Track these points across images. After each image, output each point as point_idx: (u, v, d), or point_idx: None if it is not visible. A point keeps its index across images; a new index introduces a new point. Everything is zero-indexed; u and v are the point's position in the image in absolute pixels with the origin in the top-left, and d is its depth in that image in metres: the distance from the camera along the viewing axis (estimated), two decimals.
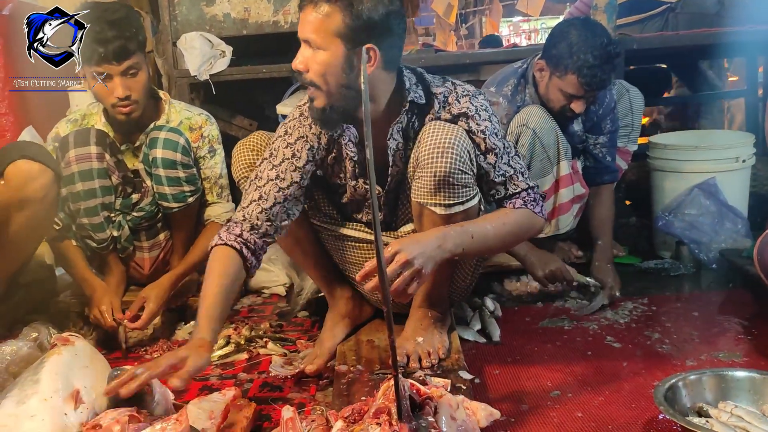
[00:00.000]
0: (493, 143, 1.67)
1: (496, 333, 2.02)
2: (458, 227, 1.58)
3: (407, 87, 1.67)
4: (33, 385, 1.41)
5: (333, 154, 1.77)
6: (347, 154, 1.74)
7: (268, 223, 1.69)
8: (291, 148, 1.73)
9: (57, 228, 2.13)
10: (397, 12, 1.57)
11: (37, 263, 2.32)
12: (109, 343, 2.10)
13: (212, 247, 1.67)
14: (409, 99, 1.67)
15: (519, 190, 1.69)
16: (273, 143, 1.75)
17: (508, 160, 1.69)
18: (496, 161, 1.67)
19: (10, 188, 1.86)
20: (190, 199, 2.20)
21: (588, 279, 2.28)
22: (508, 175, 1.68)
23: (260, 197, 1.69)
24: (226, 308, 1.61)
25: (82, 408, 1.42)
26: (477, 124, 1.66)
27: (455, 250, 1.56)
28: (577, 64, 2.14)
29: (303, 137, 1.73)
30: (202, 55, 3.02)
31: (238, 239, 1.66)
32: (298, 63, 1.58)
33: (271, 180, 1.70)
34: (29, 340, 1.85)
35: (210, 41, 3.06)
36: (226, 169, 2.31)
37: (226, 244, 1.65)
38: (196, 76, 3.05)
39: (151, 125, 2.19)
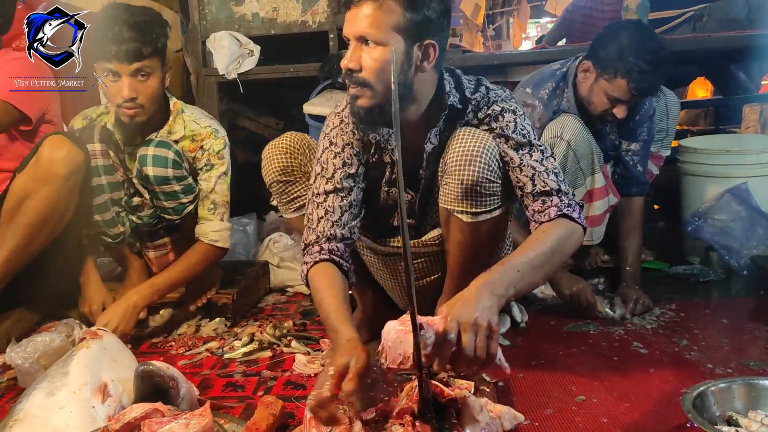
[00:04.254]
0: (517, 140, 1.60)
1: (523, 317, 2.04)
2: (500, 267, 1.40)
3: (447, 90, 1.64)
4: (62, 377, 1.45)
5: (374, 159, 1.74)
6: (389, 159, 1.72)
7: (342, 230, 1.67)
8: (340, 157, 1.70)
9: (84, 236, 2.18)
10: (449, 9, 1.56)
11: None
12: (135, 338, 2.13)
13: (305, 276, 1.64)
14: (449, 103, 1.63)
15: (549, 189, 1.57)
16: (320, 156, 1.72)
17: (541, 158, 1.60)
18: (520, 152, 1.59)
19: (40, 161, 1.96)
20: (190, 208, 2.16)
21: (609, 311, 2.16)
22: (538, 170, 1.59)
23: (326, 212, 1.67)
24: (348, 310, 1.54)
25: (109, 401, 1.45)
26: (499, 123, 1.61)
27: (508, 292, 1.38)
28: (627, 68, 2.07)
29: (348, 144, 1.70)
30: (230, 54, 3.05)
31: (323, 253, 1.63)
32: (349, 62, 1.52)
33: (331, 193, 1.68)
34: (61, 333, 1.89)
35: (238, 40, 3.09)
36: (224, 187, 2.22)
37: (315, 263, 1.62)
38: (224, 74, 3.08)
39: (154, 134, 2.15)
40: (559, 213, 1.55)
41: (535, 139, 1.62)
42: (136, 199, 2.20)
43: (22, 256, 2.01)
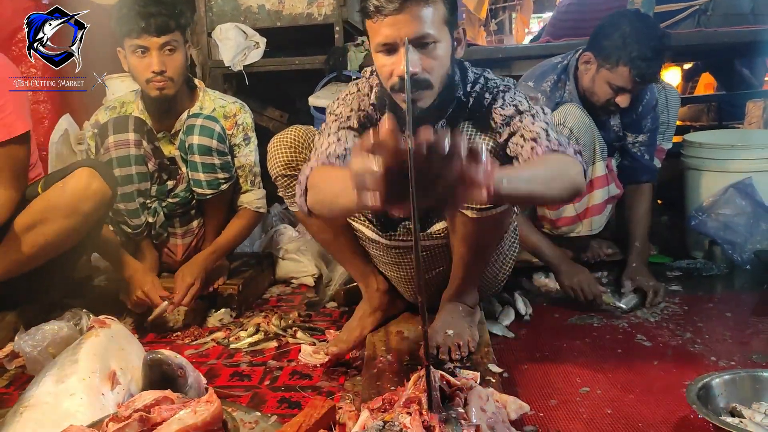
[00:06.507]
0: (512, 112, 1.56)
1: (527, 310, 2.08)
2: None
3: (456, 82, 1.64)
4: (72, 365, 1.46)
5: None
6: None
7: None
8: (356, 113, 1.69)
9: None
10: None
11: None
12: (142, 326, 2.14)
13: (304, 188, 1.57)
14: (457, 95, 1.64)
15: (537, 134, 1.50)
16: (335, 110, 1.72)
17: (532, 121, 1.54)
18: (514, 119, 1.55)
19: (66, 192, 1.90)
20: (224, 186, 2.23)
21: (617, 303, 2.17)
22: (528, 128, 1.53)
23: (338, 139, 1.64)
24: None
25: (118, 389, 1.46)
26: (495, 110, 1.60)
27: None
28: (630, 56, 2.08)
29: (362, 110, 1.70)
30: (236, 46, 3.05)
31: (330, 159, 1.59)
32: (412, 67, 1.46)
33: (344, 129, 1.67)
34: (69, 321, 1.90)
35: (244, 32, 3.09)
36: (258, 157, 2.35)
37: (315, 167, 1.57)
38: (229, 66, 3.09)
39: (185, 112, 2.23)
40: (549, 150, 1.48)
41: (527, 108, 1.57)
42: (170, 183, 2.25)
43: (21, 269, 1.96)
